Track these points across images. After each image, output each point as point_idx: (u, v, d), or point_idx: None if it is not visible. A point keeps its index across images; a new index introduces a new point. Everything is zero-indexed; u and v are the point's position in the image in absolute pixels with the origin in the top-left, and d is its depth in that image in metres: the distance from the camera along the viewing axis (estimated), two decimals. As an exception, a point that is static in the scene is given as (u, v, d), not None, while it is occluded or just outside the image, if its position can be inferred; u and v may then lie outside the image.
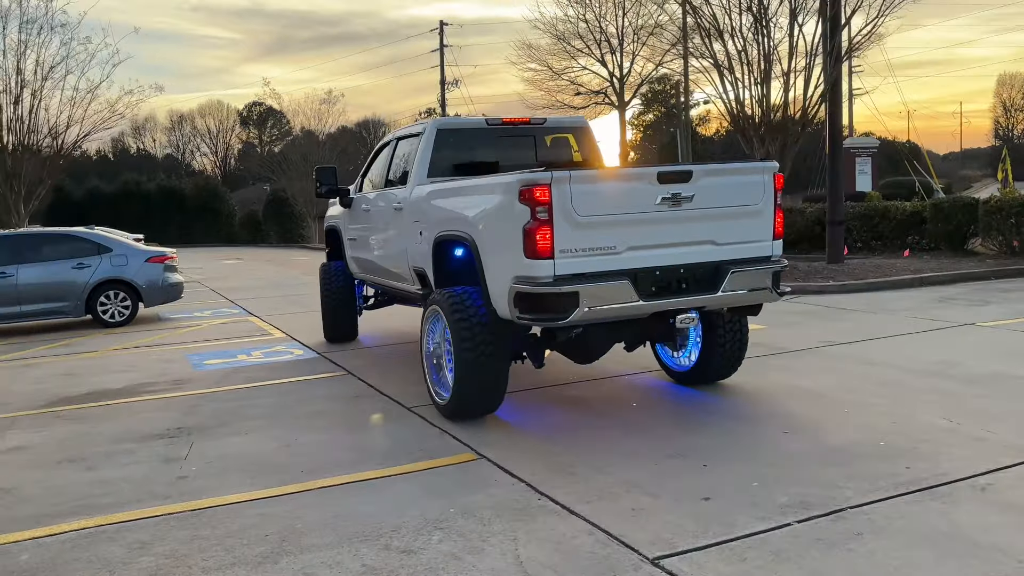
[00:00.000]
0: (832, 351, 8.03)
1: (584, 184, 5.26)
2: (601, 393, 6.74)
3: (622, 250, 5.35)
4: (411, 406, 6.50)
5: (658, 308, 5.52)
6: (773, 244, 5.81)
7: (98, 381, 8.11)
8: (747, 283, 5.68)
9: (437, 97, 44.16)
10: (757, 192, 5.72)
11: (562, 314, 5.17)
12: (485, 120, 7.63)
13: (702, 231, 5.58)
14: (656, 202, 5.37)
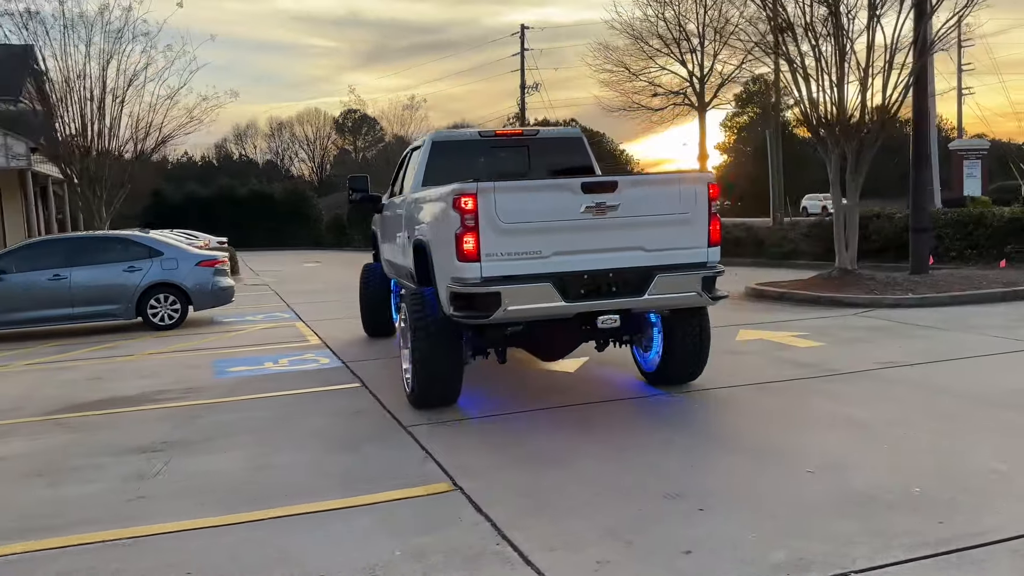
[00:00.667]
0: (891, 374, 7.19)
1: (508, 194, 5.70)
2: (617, 417, 6.15)
3: (548, 255, 5.75)
4: (409, 424, 6.09)
5: (581, 309, 5.88)
6: (708, 251, 6.08)
7: (117, 387, 8.03)
8: (673, 287, 5.95)
9: (517, 101, 43.73)
10: (688, 201, 6.00)
11: (486, 312, 5.64)
12: (478, 132, 8.20)
13: (630, 238, 5.88)
14: (580, 211, 5.73)
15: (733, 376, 7.30)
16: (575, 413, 6.26)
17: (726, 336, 9.47)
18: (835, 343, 8.81)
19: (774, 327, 10.08)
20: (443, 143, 7.91)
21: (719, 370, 7.58)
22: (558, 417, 6.16)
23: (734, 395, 6.66)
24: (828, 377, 7.17)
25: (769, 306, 12.28)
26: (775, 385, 6.93)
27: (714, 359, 8.00)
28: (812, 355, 8.17)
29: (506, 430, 5.87)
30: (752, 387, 6.88)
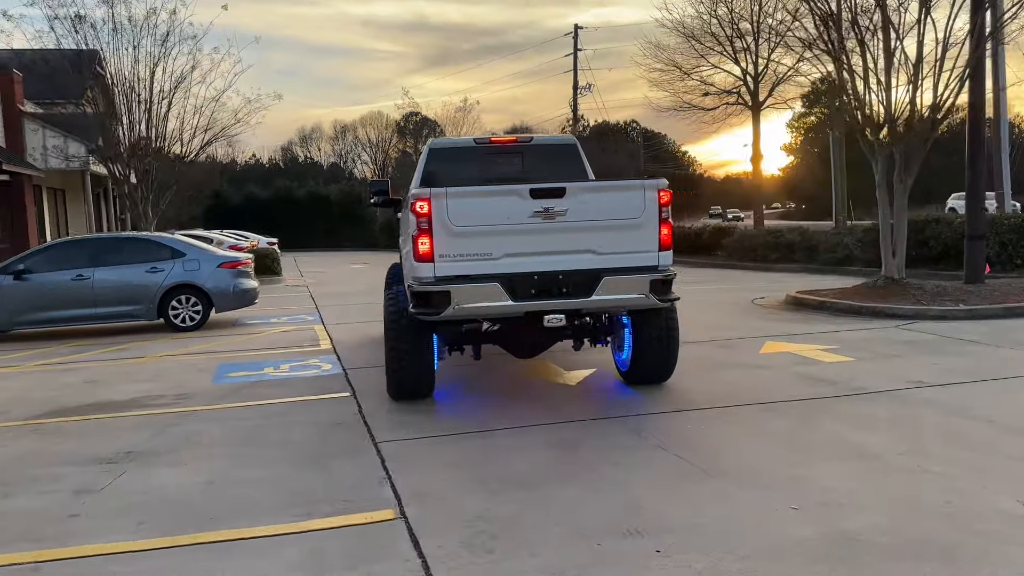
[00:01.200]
0: (919, 395, 6.57)
1: (459, 199, 6.04)
2: (603, 436, 5.70)
3: (499, 256, 6.05)
4: (383, 440, 5.76)
5: (528, 309, 6.15)
6: (660, 255, 6.23)
7: (112, 391, 7.90)
8: (621, 289, 6.13)
9: (569, 102, 43.26)
10: (637, 207, 6.19)
11: (437, 309, 5.97)
12: (474, 140, 8.46)
13: (580, 241, 6.10)
14: (529, 215, 6.02)
15: (742, 393, 6.77)
16: (561, 432, 5.83)
17: (749, 348, 8.91)
18: (866, 358, 8.17)
19: (804, 339, 9.45)
20: (440, 150, 8.37)
21: (730, 385, 7.07)
22: (542, 436, 5.73)
23: (736, 415, 6.14)
24: (848, 397, 6.59)
25: (807, 316, 11.61)
26: (785, 405, 6.38)
27: (728, 373, 7.52)
28: (837, 371, 7.56)
29: (483, 448, 5.48)
30: (759, 407, 6.35)
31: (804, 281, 17.00)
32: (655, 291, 6.17)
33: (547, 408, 6.55)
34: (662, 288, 6.21)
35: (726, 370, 7.82)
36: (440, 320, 6.13)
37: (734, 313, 12.15)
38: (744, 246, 25.31)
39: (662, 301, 6.27)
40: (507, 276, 6.02)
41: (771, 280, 18.14)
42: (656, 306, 6.33)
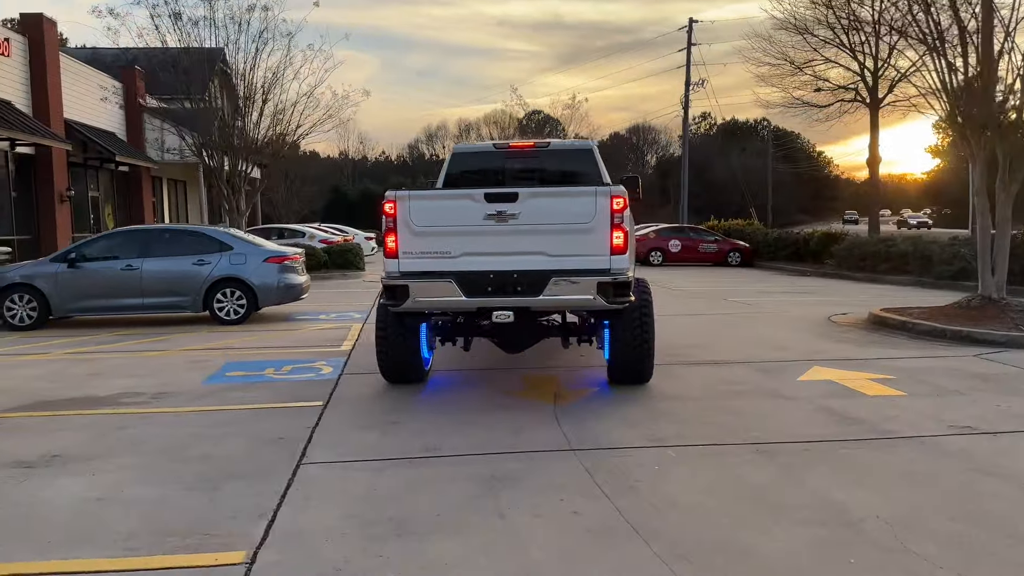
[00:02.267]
0: (954, 444, 5.47)
1: (420, 201, 6.57)
2: (548, 473, 4.96)
3: (457, 255, 6.50)
4: (310, 461, 5.26)
5: (479, 305, 6.58)
6: (612, 259, 6.45)
7: (102, 385, 7.77)
8: (568, 290, 6.40)
9: (680, 99, 41.72)
10: (587, 212, 6.44)
11: (399, 301, 6.52)
12: (493, 144, 9.08)
13: (532, 243, 6.44)
14: (483, 218, 6.43)
15: (744, 429, 5.86)
16: (507, 464, 5.13)
17: (790, 373, 7.87)
18: (920, 393, 7.01)
19: (860, 365, 8.30)
20: (463, 154, 8.97)
21: (737, 417, 6.18)
22: (484, 467, 5.05)
23: (718, 457, 5.25)
24: (866, 441, 5.56)
25: (882, 337, 10.32)
26: (785, 447, 5.43)
27: (745, 402, 6.64)
28: (875, 407, 6.48)
29: (408, 480, 4.87)
30: (751, 448, 5.43)
31: (907, 296, 15.46)
32: (603, 293, 6.36)
33: (513, 430, 5.86)
34: (613, 291, 6.38)
35: (745, 398, 6.87)
36: (402, 311, 6.67)
37: (800, 330, 10.97)
38: (853, 255, 23.43)
39: (612, 303, 6.42)
40: (462, 274, 6.43)
41: (873, 293, 16.62)
42: (605, 308, 6.51)
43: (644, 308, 7.01)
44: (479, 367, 8.50)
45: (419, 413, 6.52)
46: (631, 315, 6.90)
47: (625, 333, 6.99)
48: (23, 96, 22.66)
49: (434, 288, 6.48)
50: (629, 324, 6.95)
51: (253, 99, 23.22)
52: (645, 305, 7.04)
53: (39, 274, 11.89)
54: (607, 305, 6.43)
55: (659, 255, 29.51)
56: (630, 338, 6.99)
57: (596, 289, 6.36)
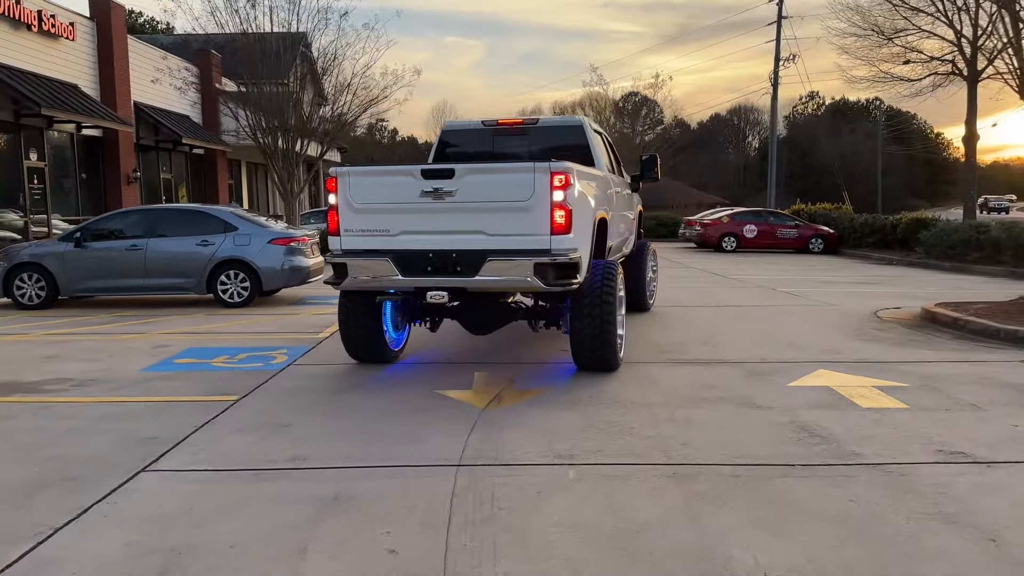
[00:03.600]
0: (928, 476, 4.40)
1: (358, 178, 6.43)
2: (378, 500, 4.20)
3: (396, 233, 6.31)
4: (159, 468, 4.67)
5: (416, 284, 6.35)
6: (552, 239, 6.06)
7: (44, 369, 7.45)
8: (504, 271, 6.09)
9: (769, 75, 39.49)
10: (525, 190, 6.05)
11: (339, 280, 6.46)
12: (482, 122, 8.55)
13: (470, 222, 6.15)
14: (418, 195, 6.16)
15: (682, 445, 4.93)
16: (367, 481, 4.40)
17: (784, 377, 6.84)
18: (926, 406, 5.86)
19: (875, 369, 7.13)
20: (452, 132, 8.78)
21: (682, 430, 5.25)
22: (343, 485, 4.34)
23: (621, 480, 4.35)
24: (821, 468, 4.55)
25: (924, 336, 9.01)
26: (715, 471, 4.49)
27: (702, 412, 5.76)
28: (857, 424, 5.41)
29: (246, 498, 4.21)
30: (669, 470, 4.51)
31: (988, 289, 13.89)
32: (541, 275, 6.04)
33: (414, 438, 5.11)
34: (552, 272, 6.08)
35: (708, 407, 5.89)
36: (343, 290, 6.66)
37: (832, 327, 9.73)
38: (942, 243, 21.37)
39: (551, 286, 6.10)
40: (399, 252, 6.26)
41: (949, 285, 15.01)
42: (542, 290, 6.19)
43: (604, 292, 6.58)
44: (453, 352, 8.09)
45: (326, 414, 5.84)
46: (588, 299, 6.55)
47: (582, 319, 6.60)
48: (91, 79, 23.21)
49: (371, 267, 6.32)
50: (586, 308, 6.55)
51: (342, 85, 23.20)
52: (606, 289, 6.59)
53: (47, 253, 11.85)
54: (544, 287, 6.09)
55: (733, 241, 27.93)
56: (587, 324, 6.59)
57: (533, 270, 6.04)
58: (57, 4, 21.49)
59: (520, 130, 8.52)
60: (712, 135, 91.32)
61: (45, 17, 20.63)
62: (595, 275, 6.63)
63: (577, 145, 8.23)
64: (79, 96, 21.79)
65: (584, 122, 8.43)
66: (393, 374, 7.14)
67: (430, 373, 7.16)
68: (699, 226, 29.02)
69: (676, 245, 32.95)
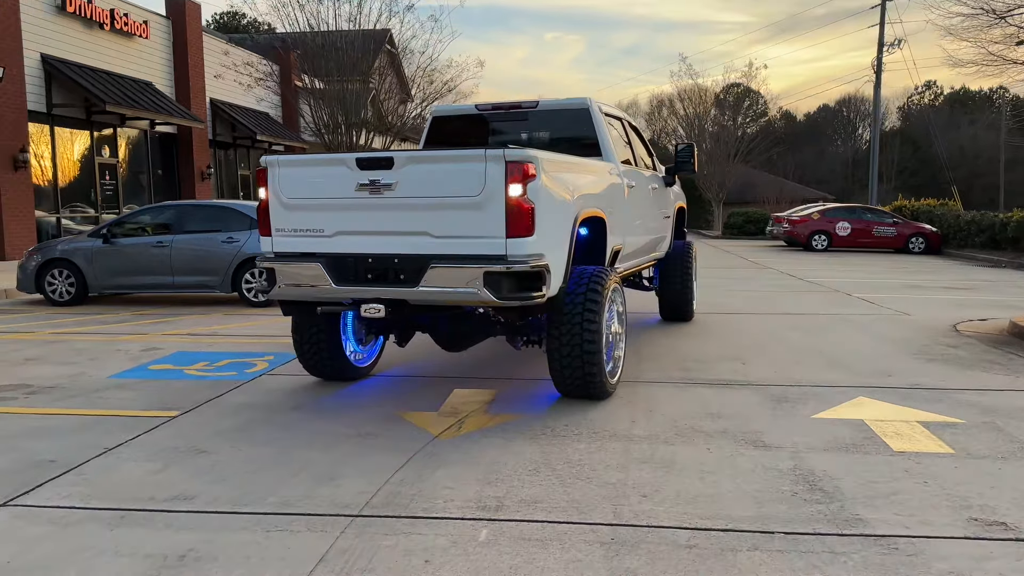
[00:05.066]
0: (948, 558, 3.32)
1: (288, 168, 5.50)
2: (242, 545, 3.45)
3: (331, 234, 5.40)
4: (22, 503, 4.07)
5: (350, 295, 5.39)
6: (508, 242, 5.03)
7: (16, 372, 7.09)
8: (448, 281, 5.09)
9: (872, 63, 36.97)
10: (475, 183, 5.05)
11: (271, 288, 5.57)
12: (475, 106, 7.75)
13: (413, 221, 5.20)
14: (354, 189, 5.26)
15: (643, 498, 4.01)
16: (229, 536, 3.67)
17: (811, 406, 5.80)
18: (978, 452, 4.73)
19: (928, 399, 5.96)
20: (442, 118, 7.78)
21: (663, 474, 4.31)
22: (204, 537, 3.63)
23: (542, 545, 3.46)
24: (803, 539, 3.53)
25: (1004, 356, 7.70)
26: (667, 537, 3.55)
27: (697, 453, 4.80)
28: (878, 475, 4.35)
29: (87, 548, 3.55)
30: (612, 532, 3.60)
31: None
32: (492, 286, 5.00)
33: (328, 475, 4.35)
34: (507, 283, 5.02)
35: (700, 444, 4.90)
36: (272, 299, 5.72)
37: (896, 342, 8.45)
38: (1059, 243, 19.21)
39: (505, 299, 5.04)
40: (332, 257, 5.40)
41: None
42: (495, 305, 5.10)
43: (587, 307, 5.53)
44: (445, 364, 7.29)
45: (256, 439, 5.14)
46: (567, 315, 5.52)
47: (560, 338, 5.55)
48: (165, 77, 23.58)
49: (301, 273, 5.45)
50: (564, 327, 5.53)
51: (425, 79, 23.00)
52: (589, 304, 5.54)
53: (77, 249, 11.73)
54: (496, 301, 5.04)
55: (824, 239, 26.12)
56: (564, 345, 5.54)
57: (482, 280, 5.02)
58: (131, 3, 21.84)
59: (518, 115, 7.47)
60: (820, 127, 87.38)
61: (118, 16, 20.99)
62: (576, 285, 5.61)
63: (583, 131, 7.19)
64: (152, 93, 22.11)
65: (590, 104, 7.27)
66: (359, 390, 6.41)
67: (404, 389, 6.41)
68: (787, 223, 27.32)
69: (762, 243, 31.20)
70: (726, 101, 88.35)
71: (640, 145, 8.55)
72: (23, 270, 11.86)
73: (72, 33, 19.57)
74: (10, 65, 17.24)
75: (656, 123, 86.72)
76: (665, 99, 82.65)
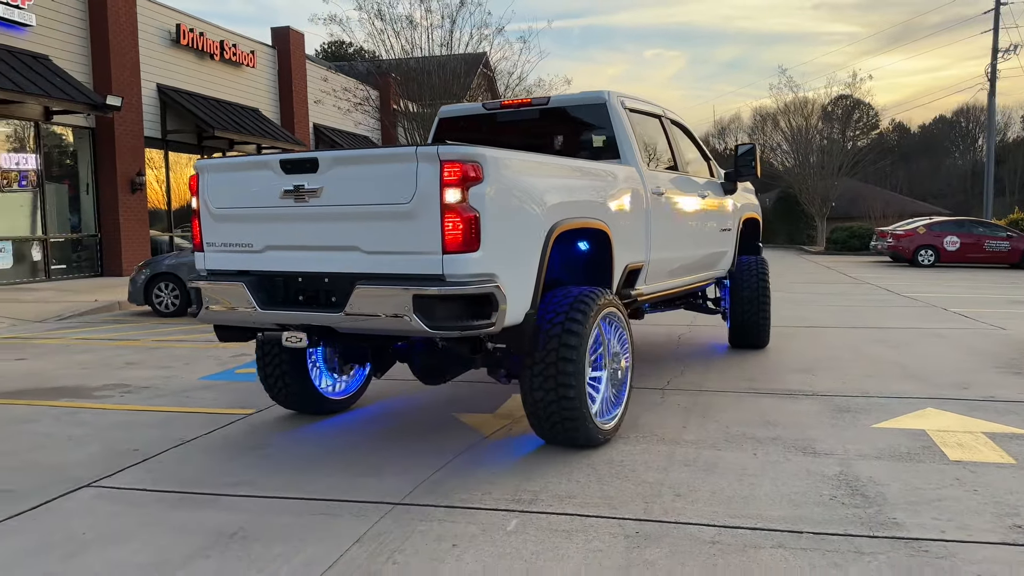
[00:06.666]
0: (983, 563, 3.25)
1: (215, 173, 4.86)
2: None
3: (260, 248, 4.67)
4: (92, 482, 4.48)
5: (272, 320, 4.65)
6: (446, 259, 4.11)
7: (113, 375, 7.66)
8: (373, 305, 4.23)
9: (985, 70, 35.23)
10: (406, 188, 4.16)
11: (199, 310, 4.91)
12: (483, 105, 6.90)
13: (341, 234, 4.40)
14: (279, 196, 4.49)
15: (676, 497, 4.06)
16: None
17: (873, 417, 5.70)
18: (1036, 465, 4.53)
19: (997, 411, 5.76)
20: (449, 119, 6.99)
21: (703, 476, 4.38)
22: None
23: (566, 536, 3.58)
24: (829, 539, 3.52)
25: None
26: (693, 534, 3.60)
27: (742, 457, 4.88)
28: (930, 481, 4.27)
29: (130, 528, 3.90)
30: (638, 526, 3.67)
31: None
32: (424, 312, 4.09)
33: (367, 471, 4.59)
34: (443, 309, 4.10)
35: (746, 449, 4.90)
36: (202, 322, 5.01)
37: (982, 355, 8.13)
38: None
39: (440, 328, 4.12)
40: (259, 275, 4.68)
41: None
42: (425, 335, 4.19)
43: (564, 338, 4.56)
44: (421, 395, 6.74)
45: (311, 435, 5.44)
46: (542, 349, 4.58)
47: (532, 378, 4.62)
48: (271, 104, 24.85)
49: (224, 294, 4.73)
50: (538, 365, 4.59)
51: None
52: (567, 336, 4.56)
53: (182, 264, 12.52)
54: (428, 331, 4.11)
55: (930, 254, 25.03)
56: (537, 384, 4.61)
57: (412, 305, 4.11)
58: (240, 35, 23.18)
59: (529, 113, 6.58)
60: (935, 139, 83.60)
61: (227, 47, 22.29)
62: (550, 312, 4.66)
63: (600, 129, 6.32)
64: (259, 119, 23.34)
65: (608, 97, 6.21)
66: (421, 393, 6.64)
67: (464, 393, 6.60)
68: (891, 238, 26.33)
69: (866, 259, 30.13)
70: (834, 114, 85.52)
71: (687, 146, 7.59)
72: (133, 283, 12.76)
73: (185, 64, 20.96)
74: (129, 95, 18.62)
75: (759, 137, 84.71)
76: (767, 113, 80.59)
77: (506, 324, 4.29)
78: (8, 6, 16.41)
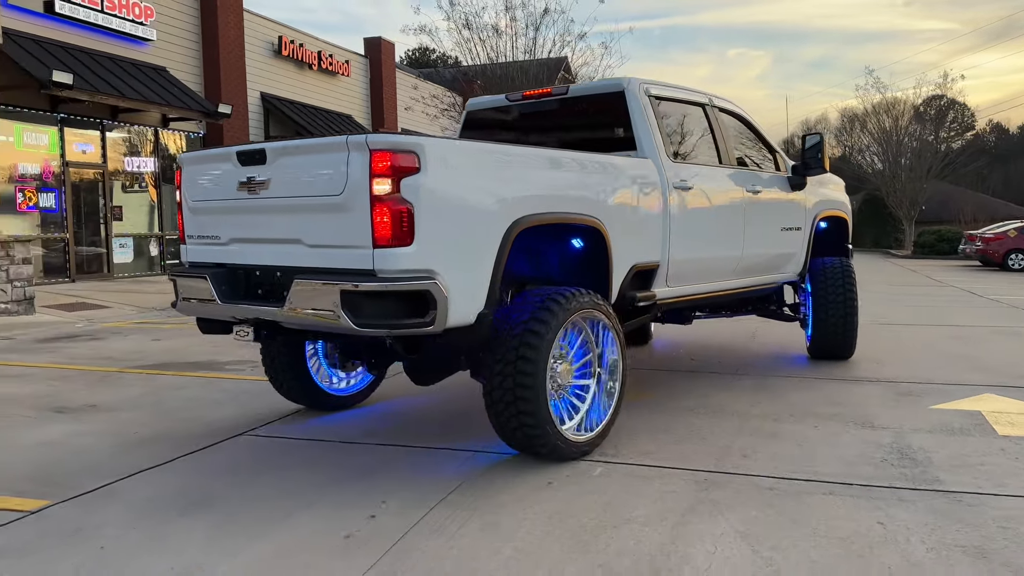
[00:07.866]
0: (1011, 511, 3.75)
1: (191, 166, 4.93)
2: (425, 474, 4.43)
3: (226, 241, 4.73)
4: (247, 431, 5.34)
5: (229, 314, 4.68)
6: (376, 253, 3.92)
7: (236, 353, 8.66)
8: (307, 299, 4.12)
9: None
10: (337, 179, 4.03)
11: (176, 301, 5.02)
12: (506, 97, 6.72)
13: (287, 227, 4.35)
14: (235, 187, 4.53)
15: (741, 458, 4.64)
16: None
17: (932, 399, 6.14)
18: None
19: (1059, 397, 6.08)
20: (476, 111, 6.86)
21: (757, 442, 4.93)
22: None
23: (628, 486, 4.21)
24: (874, 490, 4.07)
25: None
26: (742, 484, 4.19)
27: (796, 429, 5.37)
28: (977, 450, 4.74)
29: (277, 463, 4.72)
30: (699, 479, 4.27)
31: None
32: (351, 308, 3.91)
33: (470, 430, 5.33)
34: (370, 306, 3.91)
35: (808, 422, 5.43)
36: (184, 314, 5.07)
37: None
38: None
39: (367, 327, 3.93)
40: (223, 268, 4.71)
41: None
42: (352, 333, 4.03)
43: (524, 342, 4.28)
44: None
45: (420, 395, 6.22)
46: (501, 351, 4.32)
47: (492, 380, 4.36)
48: (363, 110, 26.11)
49: (191, 287, 4.79)
50: (498, 365, 4.33)
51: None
52: (527, 338, 4.28)
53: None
54: (356, 329, 3.94)
55: (1022, 259, 24.47)
56: (496, 385, 4.35)
57: (340, 301, 3.95)
58: (335, 45, 24.48)
59: (548, 103, 6.42)
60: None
61: (324, 57, 23.60)
62: (516, 312, 4.40)
63: (618, 116, 5.88)
64: (352, 125, 24.59)
65: (627, 84, 5.80)
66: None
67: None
68: (980, 241, 25.85)
69: (953, 263, 29.55)
70: (927, 114, 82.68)
71: (741, 137, 7.01)
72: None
73: (286, 73, 22.32)
74: (237, 103, 20.02)
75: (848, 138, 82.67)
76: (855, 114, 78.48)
77: (452, 324, 4.04)
78: (134, 23, 17.95)
